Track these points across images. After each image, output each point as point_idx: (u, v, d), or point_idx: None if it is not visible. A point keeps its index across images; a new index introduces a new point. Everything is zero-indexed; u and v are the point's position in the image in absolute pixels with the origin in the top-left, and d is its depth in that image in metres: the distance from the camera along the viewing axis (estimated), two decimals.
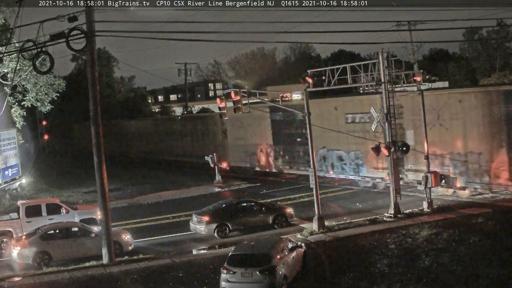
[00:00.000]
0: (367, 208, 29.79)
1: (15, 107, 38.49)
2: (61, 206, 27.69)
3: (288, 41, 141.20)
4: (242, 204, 27.58)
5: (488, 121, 28.03)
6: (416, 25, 52.23)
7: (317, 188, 25.99)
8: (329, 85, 29.47)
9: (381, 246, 22.16)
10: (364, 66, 29.65)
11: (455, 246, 21.13)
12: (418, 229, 23.97)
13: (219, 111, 28.19)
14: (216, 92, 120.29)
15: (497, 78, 67.70)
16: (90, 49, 22.26)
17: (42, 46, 20.59)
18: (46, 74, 32.46)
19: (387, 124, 27.06)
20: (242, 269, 17.69)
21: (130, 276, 20.81)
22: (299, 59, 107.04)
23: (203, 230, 25.96)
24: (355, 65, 29.68)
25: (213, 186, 40.85)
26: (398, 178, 27.50)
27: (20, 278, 21.33)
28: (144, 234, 27.50)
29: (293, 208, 28.31)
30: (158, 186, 42.84)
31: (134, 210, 34.49)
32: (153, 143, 62.15)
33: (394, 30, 52.77)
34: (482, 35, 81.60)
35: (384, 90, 27.28)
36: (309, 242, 23.26)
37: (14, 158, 39.66)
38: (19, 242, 23.35)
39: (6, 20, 35.49)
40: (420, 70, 39.02)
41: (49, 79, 38.27)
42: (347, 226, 25.78)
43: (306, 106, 26.64)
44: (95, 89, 22.71)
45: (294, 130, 40.16)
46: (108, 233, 22.77)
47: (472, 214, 25.72)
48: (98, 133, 22.81)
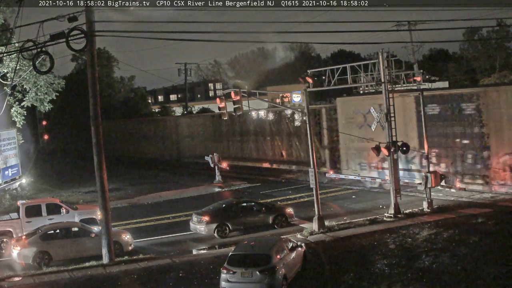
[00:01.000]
0: (367, 208, 29.79)
1: (15, 107, 38.48)
2: (61, 206, 27.69)
3: (288, 41, 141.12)
4: (242, 204, 27.58)
5: None
6: (416, 25, 52.16)
7: (317, 188, 25.99)
8: (329, 85, 29.47)
9: (381, 246, 22.17)
10: (364, 66, 29.68)
11: (455, 246, 21.13)
12: (418, 229, 23.98)
13: (219, 111, 28.18)
14: (216, 92, 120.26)
15: (497, 78, 67.76)
16: (90, 49, 22.27)
17: (42, 46, 20.57)
18: (46, 74, 32.45)
19: (387, 124, 27.05)
20: (242, 269, 17.69)
21: (130, 276, 20.82)
22: (299, 59, 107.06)
23: (203, 230, 25.96)
24: (355, 65, 29.69)
25: (213, 186, 40.86)
26: (398, 178, 27.51)
27: (20, 278, 21.34)
28: (144, 234, 27.50)
29: (293, 208, 28.32)
30: (159, 186, 42.88)
31: (134, 210, 34.51)
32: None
33: (394, 30, 52.78)
34: (482, 35, 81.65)
35: (384, 90, 27.28)
36: (309, 242, 23.26)
37: (14, 158, 39.68)
38: (19, 242, 23.35)
39: (6, 20, 35.47)
40: (420, 70, 39.07)
41: (48, 79, 38.25)
42: (347, 226, 25.78)
43: (306, 106, 26.67)
44: (95, 89, 22.72)
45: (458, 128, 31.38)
46: (108, 233, 22.78)
47: (472, 214, 25.73)
48: (98, 133, 22.83)
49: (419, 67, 55.44)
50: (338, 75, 29.16)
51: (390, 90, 27.53)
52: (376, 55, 28.67)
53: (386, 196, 29.43)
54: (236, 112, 26.92)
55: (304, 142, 40.39)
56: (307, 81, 28.59)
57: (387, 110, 27.11)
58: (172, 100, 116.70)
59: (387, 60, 27.49)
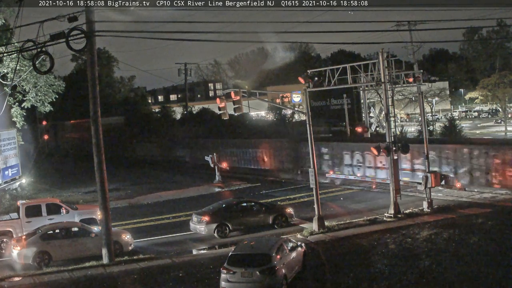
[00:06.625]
0: (367, 208, 29.79)
1: (15, 107, 38.47)
2: (61, 206, 27.66)
3: (288, 41, 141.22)
4: (242, 204, 27.57)
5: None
6: (416, 25, 52.11)
7: (317, 188, 25.98)
8: (329, 85, 29.47)
9: (381, 246, 22.16)
10: (364, 66, 29.69)
11: (455, 246, 21.14)
12: (418, 229, 23.98)
13: (219, 111, 28.18)
14: (216, 92, 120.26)
15: (497, 78, 67.76)
16: (90, 49, 22.26)
17: (42, 46, 20.55)
18: (46, 74, 32.44)
19: (387, 124, 27.06)
20: (242, 269, 17.67)
21: (130, 276, 20.81)
22: (299, 59, 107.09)
23: (203, 230, 25.96)
24: (355, 65, 29.69)
25: (213, 186, 40.85)
26: (398, 178, 27.51)
27: (20, 278, 21.33)
28: (144, 234, 27.49)
29: (293, 208, 28.30)
30: (159, 186, 42.90)
31: (134, 210, 34.50)
32: None
33: (394, 30, 52.67)
34: (482, 35, 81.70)
35: (384, 90, 27.28)
36: (309, 242, 23.25)
37: (14, 158, 39.67)
38: (19, 242, 23.33)
39: (6, 20, 35.44)
40: (420, 70, 39.04)
41: (49, 80, 38.24)
42: (347, 226, 25.78)
43: (306, 106, 26.64)
44: (95, 89, 22.71)
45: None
46: (108, 233, 22.77)
47: (472, 214, 25.74)
48: (98, 133, 22.82)
49: (419, 67, 55.39)
50: (338, 75, 29.16)
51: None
52: (376, 55, 28.67)
53: (386, 196, 29.42)
54: (236, 112, 26.90)
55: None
56: (307, 81, 28.59)
57: (387, 110, 27.11)
58: (172, 100, 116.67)
59: (387, 60, 27.48)
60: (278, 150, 44.96)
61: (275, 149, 45.19)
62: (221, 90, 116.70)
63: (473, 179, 30.78)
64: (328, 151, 39.78)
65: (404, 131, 47.20)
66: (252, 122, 63.01)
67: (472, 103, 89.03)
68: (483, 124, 79.89)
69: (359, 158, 36.71)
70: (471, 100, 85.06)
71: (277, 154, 45.01)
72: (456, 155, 31.53)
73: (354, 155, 37.24)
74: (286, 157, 43.88)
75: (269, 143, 46.19)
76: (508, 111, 73.43)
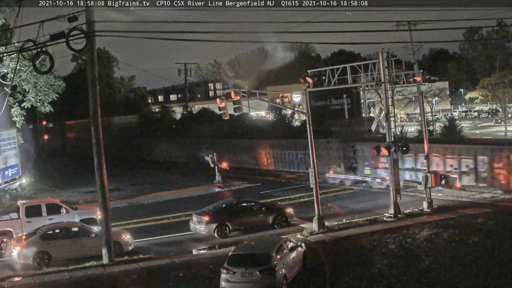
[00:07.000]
0: (367, 208, 29.79)
1: (15, 107, 38.46)
2: (61, 206, 27.67)
3: (288, 41, 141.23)
4: (242, 204, 27.58)
5: None
6: (416, 25, 52.14)
7: (317, 188, 25.98)
8: (329, 85, 29.46)
9: (381, 246, 22.16)
10: (364, 66, 29.68)
11: (455, 246, 21.14)
12: (418, 229, 23.98)
13: (219, 111, 28.19)
14: (216, 92, 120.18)
15: (497, 78, 67.69)
16: (90, 49, 22.26)
17: (42, 46, 20.53)
18: (46, 74, 32.43)
19: (387, 124, 27.05)
20: (242, 269, 17.68)
21: (130, 276, 20.81)
22: (299, 59, 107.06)
23: (203, 230, 25.96)
24: (355, 65, 29.68)
25: (213, 186, 40.84)
26: (398, 178, 27.50)
27: (20, 278, 21.32)
28: (144, 234, 27.49)
29: (293, 208, 28.30)
30: (159, 186, 42.88)
31: (134, 210, 34.49)
32: None
33: (394, 30, 52.75)
34: (482, 35, 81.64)
35: (384, 90, 27.28)
36: (309, 242, 23.25)
37: (14, 158, 39.64)
38: (19, 242, 23.33)
39: (6, 20, 35.44)
40: (420, 70, 39.03)
41: (49, 80, 38.22)
42: (347, 226, 25.78)
43: (306, 106, 26.63)
44: (95, 89, 22.70)
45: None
46: (108, 233, 22.77)
47: (472, 214, 25.73)
48: (98, 133, 22.81)
49: (419, 67, 55.43)
50: (338, 75, 29.15)
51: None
52: (376, 55, 28.66)
53: (386, 196, 29.42)
54: (236, 112, 26.90)
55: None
56: (307, 81, 28.58)
57: (387, 110, 27.11)
58: (172, 100, 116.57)
59: (387, 60, 27.48)
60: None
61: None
62: (221, 90, 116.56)
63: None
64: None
65: (404, 131, 47.15)
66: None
67: (472, 103, 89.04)
68: (483, 124, 79.91)
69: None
70: (471, 100, 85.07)
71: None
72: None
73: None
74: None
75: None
76: (508, 111, 73.42)
